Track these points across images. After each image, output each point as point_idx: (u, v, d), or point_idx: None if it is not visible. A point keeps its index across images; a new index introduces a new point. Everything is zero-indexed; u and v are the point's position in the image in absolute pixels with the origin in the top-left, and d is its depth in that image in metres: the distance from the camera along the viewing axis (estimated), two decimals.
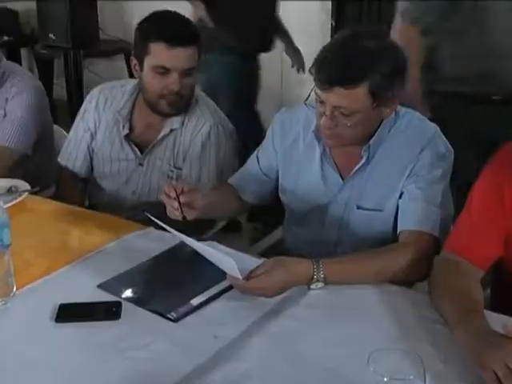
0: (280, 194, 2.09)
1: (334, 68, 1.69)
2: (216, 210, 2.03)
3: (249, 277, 1.57)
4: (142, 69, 2.19)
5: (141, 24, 2.19)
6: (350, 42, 1.74)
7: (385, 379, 1.02)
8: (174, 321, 1.54)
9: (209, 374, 1.34)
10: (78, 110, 2.50)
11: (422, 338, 1.43)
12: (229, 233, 2.45)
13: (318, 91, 1.73)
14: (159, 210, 1.85)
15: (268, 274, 1.57)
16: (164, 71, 2.13)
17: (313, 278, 1.63)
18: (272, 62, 4.29)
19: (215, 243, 1.81)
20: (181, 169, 2.29)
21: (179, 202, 1.76)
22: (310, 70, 1.75)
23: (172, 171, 2.30)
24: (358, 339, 1.43)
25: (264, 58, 3.90)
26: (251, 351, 1.42)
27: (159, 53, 2.12)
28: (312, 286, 1.64)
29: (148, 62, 2.15)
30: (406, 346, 1.37)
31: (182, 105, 2.22)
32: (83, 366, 1.39)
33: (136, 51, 2.20)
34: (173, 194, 1.77)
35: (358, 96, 1.69)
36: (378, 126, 1.83)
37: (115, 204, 2.36)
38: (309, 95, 1.82)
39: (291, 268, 1.63)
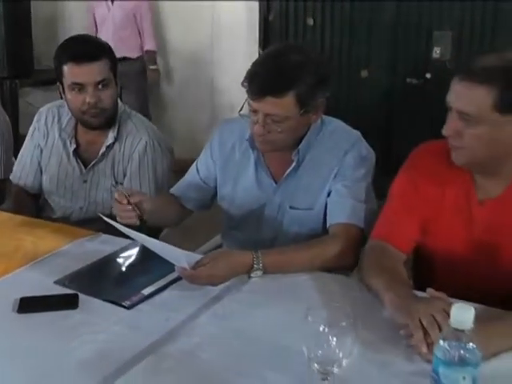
0: (219, 201, 2.26)
1: (265, 80, 1.88)
2: (160, 217, 2.18)
3: (195, 267, 1.74)
4: (64, 92, 2.36)
5: (55, 52, 2.37)
6: (277, 56, 1.93)
7: (321, 328, 1.20)
8: (128, 308, 1.68)
9: (163, 348, 1.50)
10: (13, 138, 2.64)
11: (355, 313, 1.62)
12: None
13: (251, 101, 1.92)
14: (106, 223, 1.99)
15: (213, 264, 1.75)
16: (79, 87, 2.30)
17: (253, 266, 1.81)
18: None
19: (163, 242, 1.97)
20: (122, 184, 2.44)
21: (131, 205, 1.91)
22: (242, 84, 1.94)
23: (114, 186, 2.44)
24: (295, 314, 1.59)
25: None
26: (200, 328, 1.59)
27: (70, 72, 2.30)
28: (252, 275, 1.82)
29: (65, 83, 2.33)
30: None
31: (107, 116, 2.38)
32: (47, 350, 1.51)
33: (57, 77, 2.37)
34: (125, 201, 1.92)
35: (286, 104, 1.89)
36: (306, 133, 2.04)
37: (63, 219, 2.48)
38: (242, 106, 2.00)
39: (233, 257, 1.81)
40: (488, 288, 1.71)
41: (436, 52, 4.73)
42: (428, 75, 4.76)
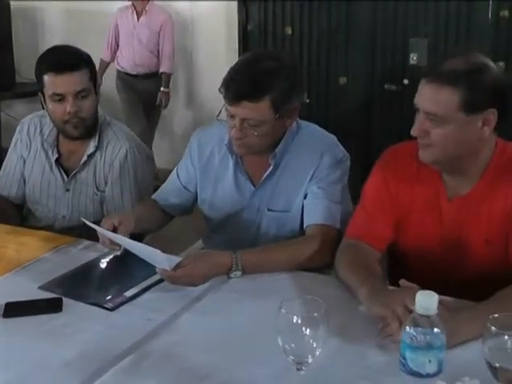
0: (199, 205, 2.31)
1: (241, 85, 1.95)
2: (144, 224, 2.21)
3: (176, 268, 1.79)
4: (46, 102, 2.41)
5: (36, 63, 2.40)
6: (252, 63, 2.00)
7: (294, 319, 1.26)
8: (111, 309, 1.73)
9: (145, 346, 1.55)
10: None
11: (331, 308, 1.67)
12: None
13: (228, 106, 1.98)
14: (89, 231, 2.06)
15: (193, 265, 1.80)
16: (59, 98, 2.33)
17: (232, 267, 1.86)
18: None
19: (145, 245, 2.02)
20: (104, 191, 2.48)
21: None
22: (219, 90, 2.00)
23: (96, 194, 2.49)
24: (273, 310, 1.64)
25: None
26: (181, 327, 1.65)
27: (51, 82, 2.33)
28: (231, 275, 1.87)
29: (46, 93, 2.36)
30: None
31: (87, 125, 2.41)
32: (32, 351, 1.55)
33: (39, 87, 2.41)
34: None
35: (262, 108, 1.95)
36: (283, 137, 2.10)
37: (47, 228, 2.51)
38: (220, 111, 2.06)
39: (213, 258, 1.86)
40: (458, 281, 1.78)
41: (413, 58, 4.83)
42: (405, 81, 4.85)
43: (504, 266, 1.77)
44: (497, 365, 1.18)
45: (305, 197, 2.10)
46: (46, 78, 2.33)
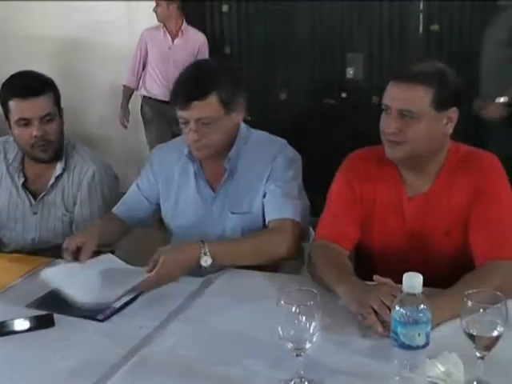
0: (163, 216, 2.42)
1: (187, 89, 2.11)
2: (105, 238, 2.29)
3: (150, 269, 1.93)
4: (11, 127, 2.46)
5: (1, 89, 2.46)
6: (194, 69, 2.20)
7: (293, 309, 1.37)
8: (102, 320, 1.81)
9: (144, 350, 1.64)
10: None
11: None
12: None
13: (180, 112, 2.12)
14: (59, 253, 2.13)
15: (163, 259, 1.94)
16: (25, 122, 2.40)
17: (200, 253, 1.99)
18: None
19: (111, 255, 2.17)
20: (73, 212, 2.54)
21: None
22: (170, 101, 2.14)
23: (65, 215, 2.55)
24: (259, 312, 1.75)
25: None
26: (175, 330, 1.74)
27: (16, 107, 2.40)
28: (202, 262, 1.99)
29: (12, 119, 2.42)
30: None
31: (55, 148, 2.48)
32: (36, 363, 1.62)
33: (4, 113, 2.47)
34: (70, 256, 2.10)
35: (211, 105, 2.10)
36: (234, 141, 2.23)
37: (16, 252, 2.53)
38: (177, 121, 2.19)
39: (181, 246, 2.05)
40: (422, 273, 1.91)
41: (349, 73, 5.03)
42: (343, 95, 5.03)
43: (464, 257, 1.92)
44: (474, 333, 1.34)
45: (264, 196, 2.23)
46: (11, 103, 2.39)
